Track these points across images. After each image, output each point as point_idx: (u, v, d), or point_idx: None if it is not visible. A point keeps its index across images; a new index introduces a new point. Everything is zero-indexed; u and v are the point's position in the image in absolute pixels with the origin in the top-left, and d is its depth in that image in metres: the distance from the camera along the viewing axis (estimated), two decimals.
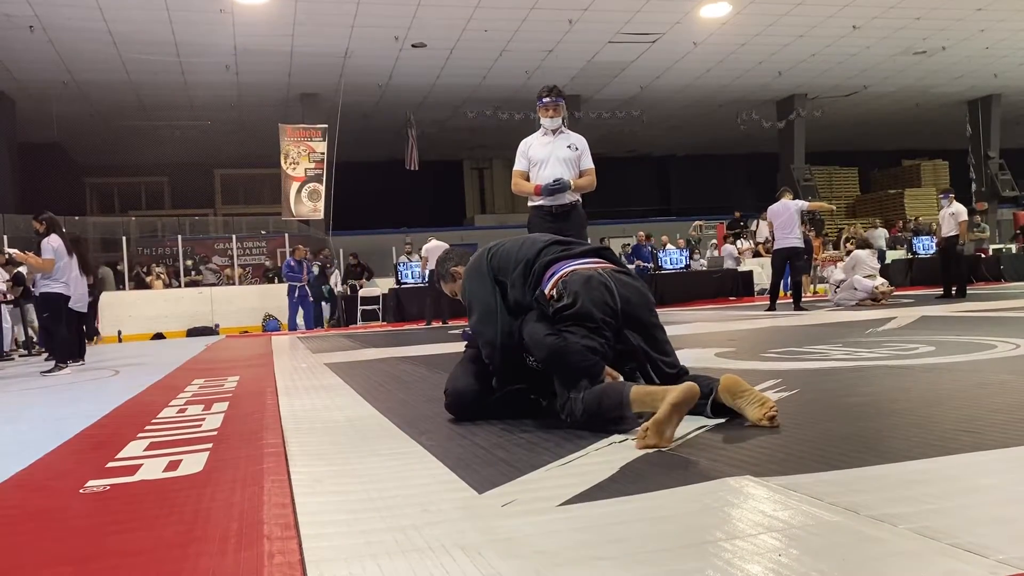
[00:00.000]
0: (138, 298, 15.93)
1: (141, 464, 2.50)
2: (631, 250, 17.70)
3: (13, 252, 8.20)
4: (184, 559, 1.55)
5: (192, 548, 1.61)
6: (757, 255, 18.48)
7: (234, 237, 19.16)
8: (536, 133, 5.10)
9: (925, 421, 2.47)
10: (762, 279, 17.24)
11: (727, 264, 17.16)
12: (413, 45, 15.88)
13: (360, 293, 15.66)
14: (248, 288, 17.17)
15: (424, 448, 2.47)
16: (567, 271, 2.71)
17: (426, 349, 7.07)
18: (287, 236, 18.21)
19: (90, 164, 24.11)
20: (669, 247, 17.16)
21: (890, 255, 17.93)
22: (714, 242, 20.18)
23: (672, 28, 15.93)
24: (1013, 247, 19.95)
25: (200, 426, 3.25)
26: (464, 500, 1.84)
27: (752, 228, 19.84)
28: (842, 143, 26.35)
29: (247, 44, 15.18)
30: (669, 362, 2.67)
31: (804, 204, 10.32)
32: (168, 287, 17.00)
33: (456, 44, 15.99)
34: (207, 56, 15.68)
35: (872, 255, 11.09)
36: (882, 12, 15.70)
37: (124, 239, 17.40)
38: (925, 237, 17.46)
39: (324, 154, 17.25)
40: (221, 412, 3.64)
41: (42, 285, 7.50)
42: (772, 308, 9.96)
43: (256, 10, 13.84)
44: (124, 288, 16.51)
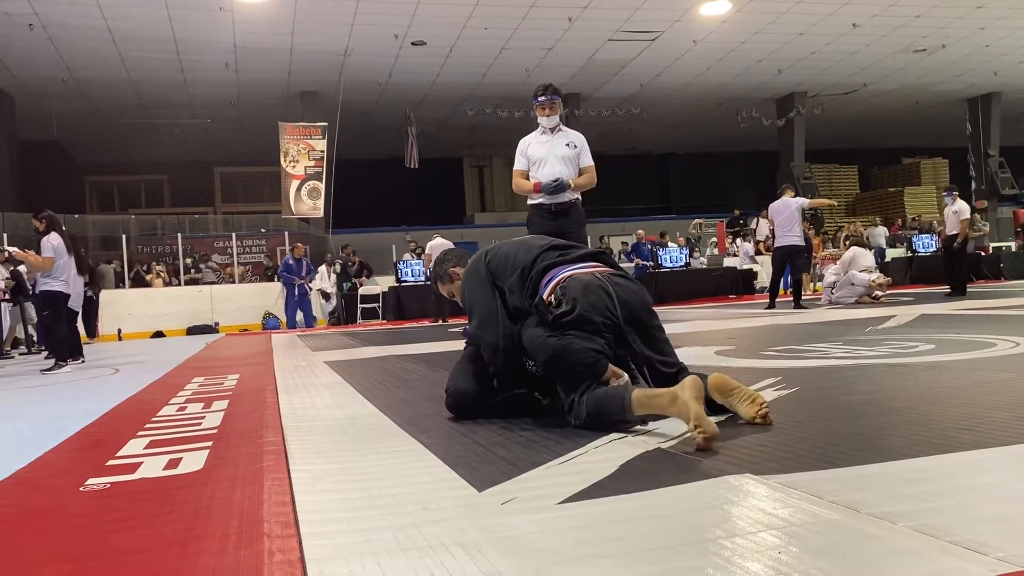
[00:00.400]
0: (138, 296, 15.93)
1: (141, 462, 2.51)
2: (631, 248, 17.71)
3: (13, 250, 8.19)
4: (184, 557, 1.55)
5: (192, 546, 1.62)
6: (758, 253, 18.48)
7: (234, 235, 19.17)
8: (534, 132, 5.10)
9: (925, 419, 2.47)
10: (762, 277, 17.26)
11: (743, 262, 17.09)
12: (413, 43, 15.88)
13: (360, 291, 15.67)
14: (248, 286, 17.17)
15: (424, 446, 2.47)
16: (564, 276, 2.71)
17: (426, 347, 7.08)
18: (287, 234, 18.22)
19: (90, 162, 24.09)
20: (671, 245, 17.16)
21: (890, 253, 17.94)
22: (714, 240, 20.18)
23: (672, 26, 15.92)
24: (1013, 245, 19.95)
25: (200, 424, 3.25)
26: (464, 498, 1.84)
27: (752, 226, 19.85)
28: (842, 141, 26.35)
29: (247, 42, 15.17)
30: (668, 362, 2.67)
31: (805, 202, 10.29)
32: (168, 285, 17.00)
33: (456, 42, 15.98)
34: (207, 54, 15.67)
35: (867, 254, 11.09)
36: (882, 10, 15.69)
37: (124, 237, 17.39)
38: (926, 235, 17.46)
39: (324, 152, 17.25)
40: (221, 410, 3.64)
41: (42, 283, 7.51)
42: (772, 306, 9.96)
43: (256, 8, 13.83)
44: (124, 286, 16.51)
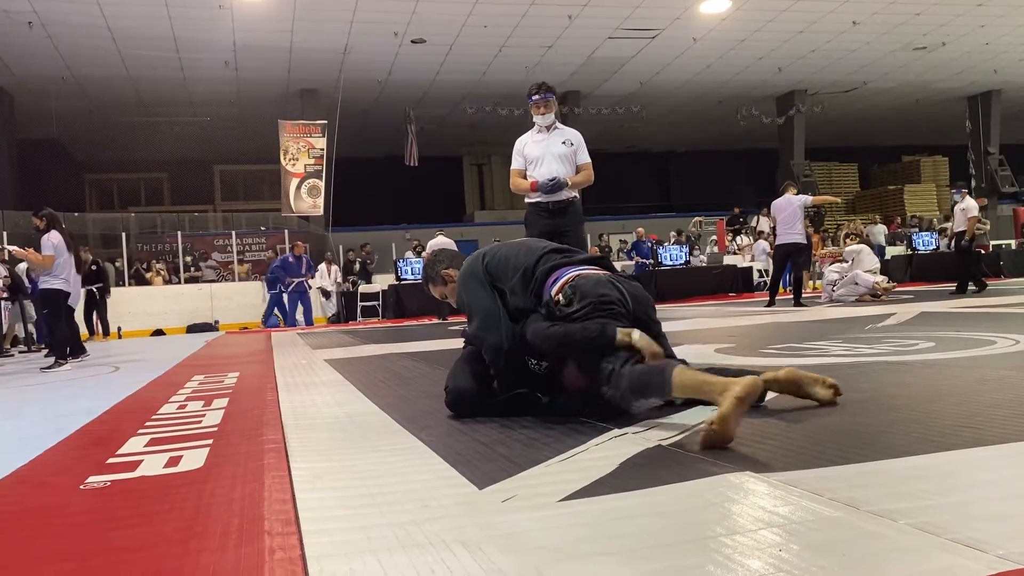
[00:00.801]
0: (138, 294, 15.93)
1: (141, 460, 2.51)
2: (631, 246, 17.71)
3: (12, 248, 8.19)
4: (185, 555, 1.55)
5: (193, 544, 1.62)
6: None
7: (234, 233, 19.17)
8: (531, 131, 5.09)
9: (925, 417, 2.47)
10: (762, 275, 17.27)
11: (760, 259, 17.08)
12: (412, 41, 15.87)
13: (360, 289, 15.68)
14: (248, 284, 17.16)
15: (424, 444, 2.47)
16: (572, 275, 2.73)
17: (426, 345, 7.08)
18: (287, 232, 18.22)
19: (89, 160, 24.09)
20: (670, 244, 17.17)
21: (890, 251, 17.94)
22: (714, 238, 20.18)
23: (672, 24, 15.91)
24: (1013, 243, 19.96)
25: (200, 422, 3.25)
26: (464, 496, 1.84)
27: (752, 224, 19.86)
28: (842, 139, 26.35)
29: (246, 40, 15.16)
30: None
31: (809, 199, 10.27)
32: (168, 283, 17.00)
33: (456, 40, 15.98)
34: (206, 52, 15.67)
35: (872, 254, 11.09)
36: (882, 8, 15.68)
37: (124, 235, 17.39)
38: (925, 233, 17.46)
39: (323, 150, 17.25)
40: (221, 408, 3.64)
41: (42, 282, 7.51)
42: (772, 303, 9.96)
43: (255, 6, 13.83)
44: (124, 284, 16.51)
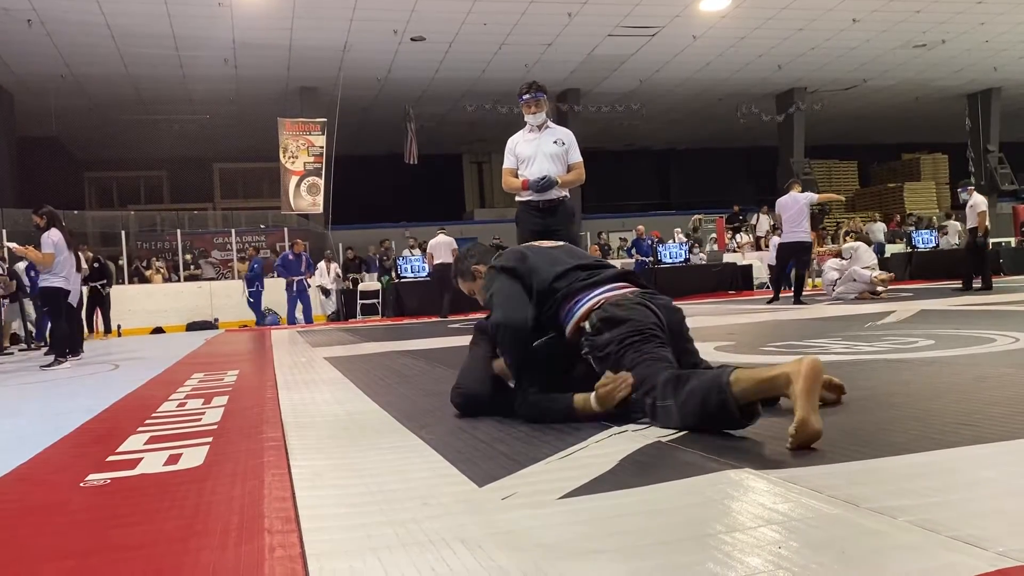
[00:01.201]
0: (137, 292, 15.93)
1: (141, 458, 2.51)
2: (631, 244, 17.71)
3: (12, 246, 8.19)
4: (185, 553, 1.55)
5: (193, 542, 1.62)
6: (757, 248, 18.49)
7: (233, 231, 19.18)
8: (522, 130, 5.09)
9: (925, 415, 2.47)
10: (762, 273, 17.27)
11: (771, 258, 17.01)
12: (412, 38, 15.85)
13: (360, 287, 15.69)
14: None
15: (424, 442, 2.47)
16: (597, 301, 2.60)
17: (425, 343, 7.08)
18: (286, 230, 18.23)
19: (89, 158, 24.08)
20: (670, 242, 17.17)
21: (889, 249, 17.94)
22: (713, 236, 20.18)
23: (672, 21, 15.90)
24: (1012, 241, 19.96)
25: (200, 420, 3.25)
26: (464, 493, 1.84)
27: (752, 222, 19.85)
28: (841, 137, 26.34)
29: (246, 38, 15.15)
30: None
31: (815, 197, 10.22)
32: (167, 281, 17.00)
33: (455, 37, 15.96)
34: (206, 50, 15.65)
35: (869, 251, 11.08)
36: (882, 5, 15.68)
37: (123, 233, 17.38)
38: (925, 231, 17.46)
39: (323, 148, 17.24)
40: (221, 406, 3.64)
41: (42, 280, 7.51)
42: (776, 299, 9.92)
43: (255, 3, 13.81)
44: (123, 282, 16.51)
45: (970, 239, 10.84)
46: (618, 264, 3.26)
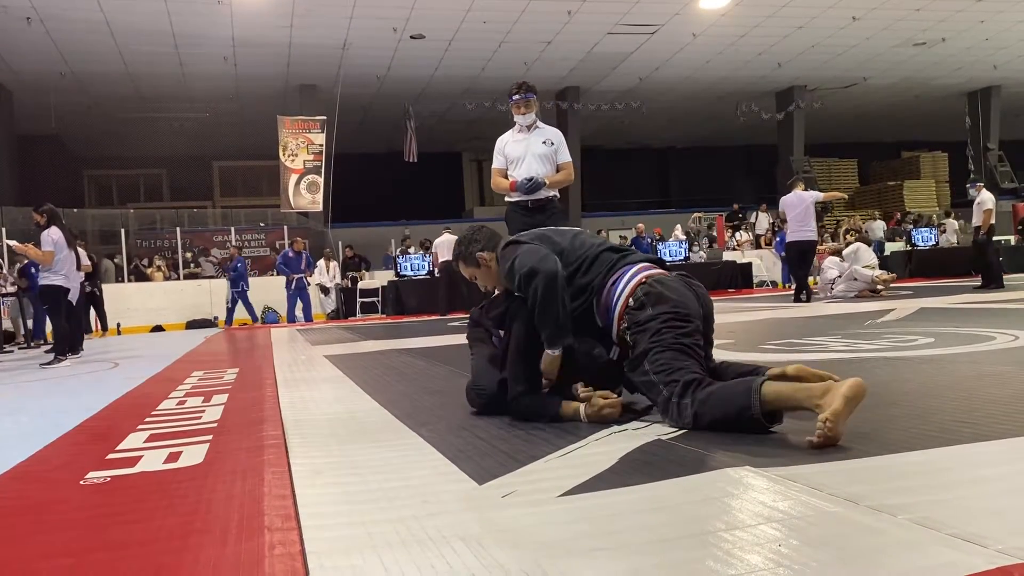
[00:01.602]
0: (137, 291, 15.91)
1: (141, 456, 2.51)
2: (630, 242, 17.71)
3: (12, 244, 8.19)
4: (185, 550, 1.55)
5: (193, 539, 1.62)
6: (757, 247, 18.49)
7: (233, 229, 19.16)
8: (511, 130, 5.07)
9: (924, 412, 2.47)
10: (761, 271, 17.27)
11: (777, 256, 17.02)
12: (412, 36, 15.83)
13: (359, 285, 15.68)
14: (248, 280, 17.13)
15: (424, 440, 2.47)
16: (644, 276, 2.59)
17: (425, 341, 7.08)
18: (286, 228, 18.21)
19: (88, 156, 24.04)
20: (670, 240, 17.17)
21: (889, 247, 17.93)
22: (713, 233, 20.18)
23: (671, 19, 15.88)
24: (1012, 239, 19.95)
25: (200, 418, 3.25)
26: (464, 491, 1.84)
27: (751, 220, 19.84)
28: (841, 135, 26.30)
29: (245, 35, 15.13)
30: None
31: (820, 195, 10.17)
32: (167, 279, 16.98)
33: (455, 35, 15.94)
34: (205, 47, 15.63)
35: (869, 250, 11.08)
36: (882, 3, 15.65)
37: (123, 231, 17.36)
38: (924, 229, 17.46)
39: (323, 146, 17.22)
40: (221, 404, 3.64)
41: (42, 278, 7.51)
42: (798, 299, 9.76)
43: (254, 1, 13.78)
44: (123, 280, 16.49)
45: (975, 236, 10.81)
46: None
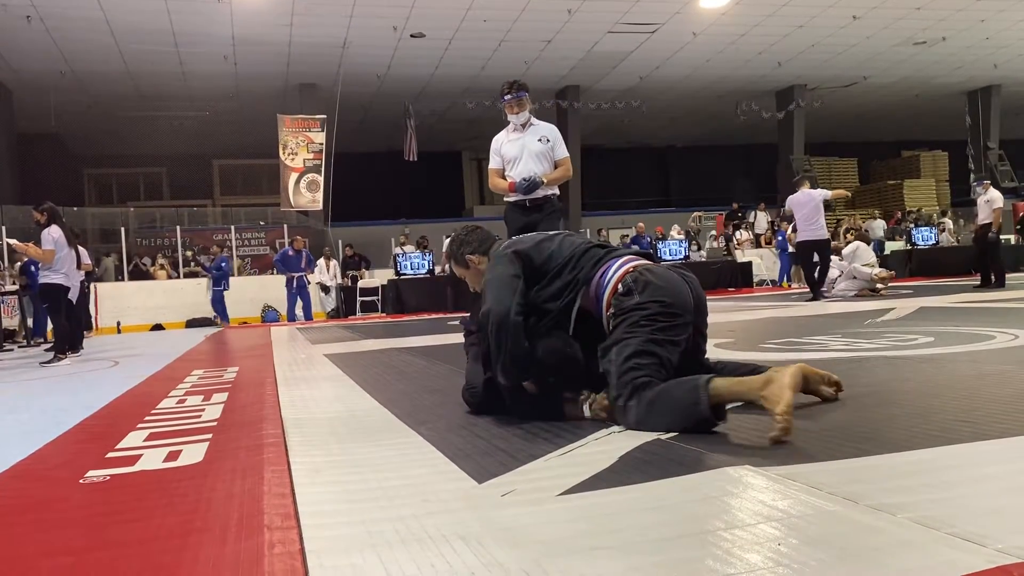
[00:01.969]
0: (137, 289, 15.90)
1: (141, 454, 2.51)
2: (630, 241, 17.71)
3: (12, 242, 8.20)
4: (184, 549, 1.55)
5: (192, 538, 1.62)
6: (758, 246, 18.48)
7: (232, 228, 19.16)
8: (506, 129, 5.02)
9: (924, 411, 2.47)
10: (761, 270, 17.27)
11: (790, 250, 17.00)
12: (412, 35, 15.82)
13: (359, 284, 15.68)
14: (247, 279, 17.15)
15: (424, 438, 2.47)
16: (633, 265, 2.58)
17: (425, 340, 7.07)
18: (286, 227, 18.21)
19: (88, 155, 24.03)
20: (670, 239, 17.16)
21: (889, 246, 17.94)
22: (713, 233, 20.18)
23: (672, 18, 15.87)
24: (1012, 238, 19.95)
25: (200, 416, 3.25)
26: (464, 490, 1.84)
27: (750, 219, 19.84)
28: (841, 134, 26.30)
29: (245, 34, 15.12)
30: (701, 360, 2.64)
31: (828, 193, 10.14)
32: (168, 278, 16.98)
33: (455, 34, 15.93)
34: (205, 46, 15.62)
35: (868, 249, 11.06)
36: (882, 2, 15.64)
37: (123, 230, 17.36)
38: (925, 228, 17.46)
39: (323, 145, 17.22)
40: (220, 403, 3.64)
41: (42, 276, 7.51)
42: (816, 298, 9.75)
43: (254, 0, 13.79)
44: (123, 279, 16.49)
45: (983, 234, 10.77)
46: None
